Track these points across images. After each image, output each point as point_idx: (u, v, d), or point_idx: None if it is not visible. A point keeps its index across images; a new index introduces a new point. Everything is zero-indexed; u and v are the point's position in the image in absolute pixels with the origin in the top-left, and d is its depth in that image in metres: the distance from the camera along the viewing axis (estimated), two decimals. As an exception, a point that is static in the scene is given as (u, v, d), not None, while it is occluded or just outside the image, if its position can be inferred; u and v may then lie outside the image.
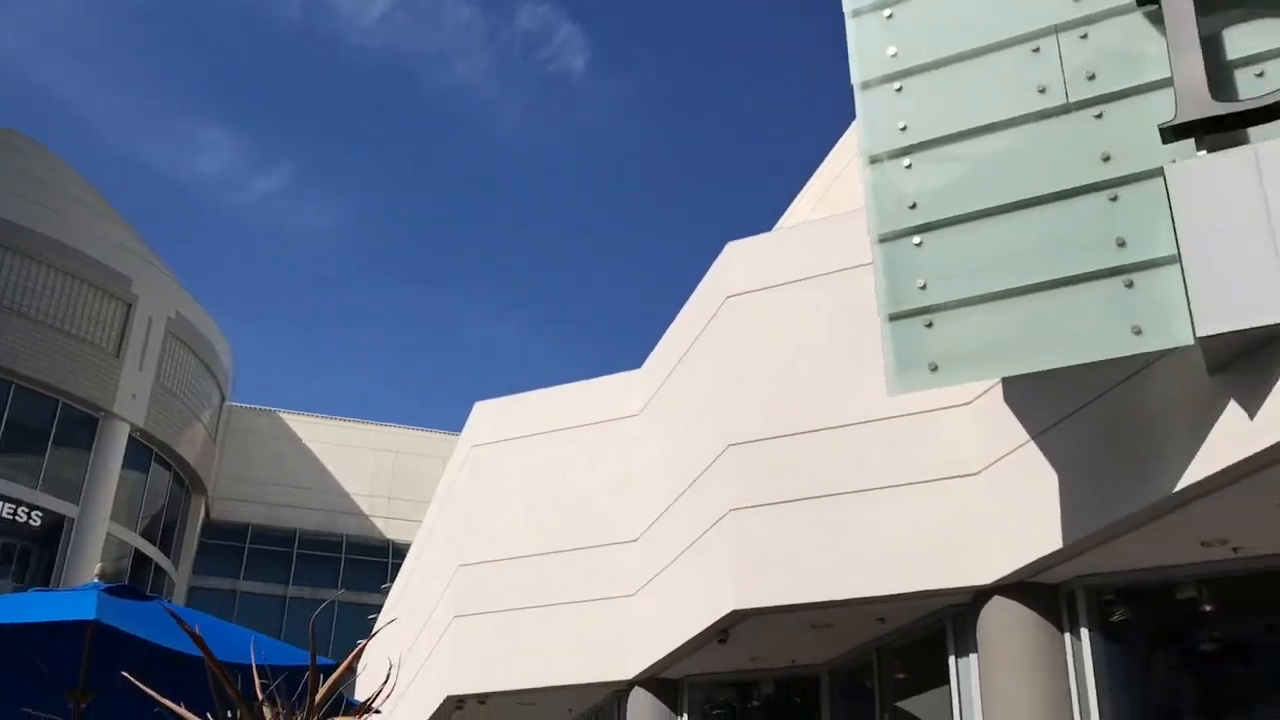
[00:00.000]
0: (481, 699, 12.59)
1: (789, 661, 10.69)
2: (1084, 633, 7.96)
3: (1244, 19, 6.41)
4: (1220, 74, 6.32)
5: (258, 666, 3.66)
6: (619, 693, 11.83)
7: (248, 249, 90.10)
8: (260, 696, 3.61)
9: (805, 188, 15.33)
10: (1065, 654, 7.97)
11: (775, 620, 9.35)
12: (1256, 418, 6.07)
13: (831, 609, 9.04)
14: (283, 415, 41.42)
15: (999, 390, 8.22)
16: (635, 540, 11.66)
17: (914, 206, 7.04)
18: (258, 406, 41.61)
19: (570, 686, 11.97)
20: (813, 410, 9.27)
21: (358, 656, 3.84)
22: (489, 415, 13.80)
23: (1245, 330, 5.93)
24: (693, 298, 11.17)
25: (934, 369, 6.81)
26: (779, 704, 11.30)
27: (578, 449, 12.52)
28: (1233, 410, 6.22)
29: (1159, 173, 6.25)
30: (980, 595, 8.30)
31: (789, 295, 9.84)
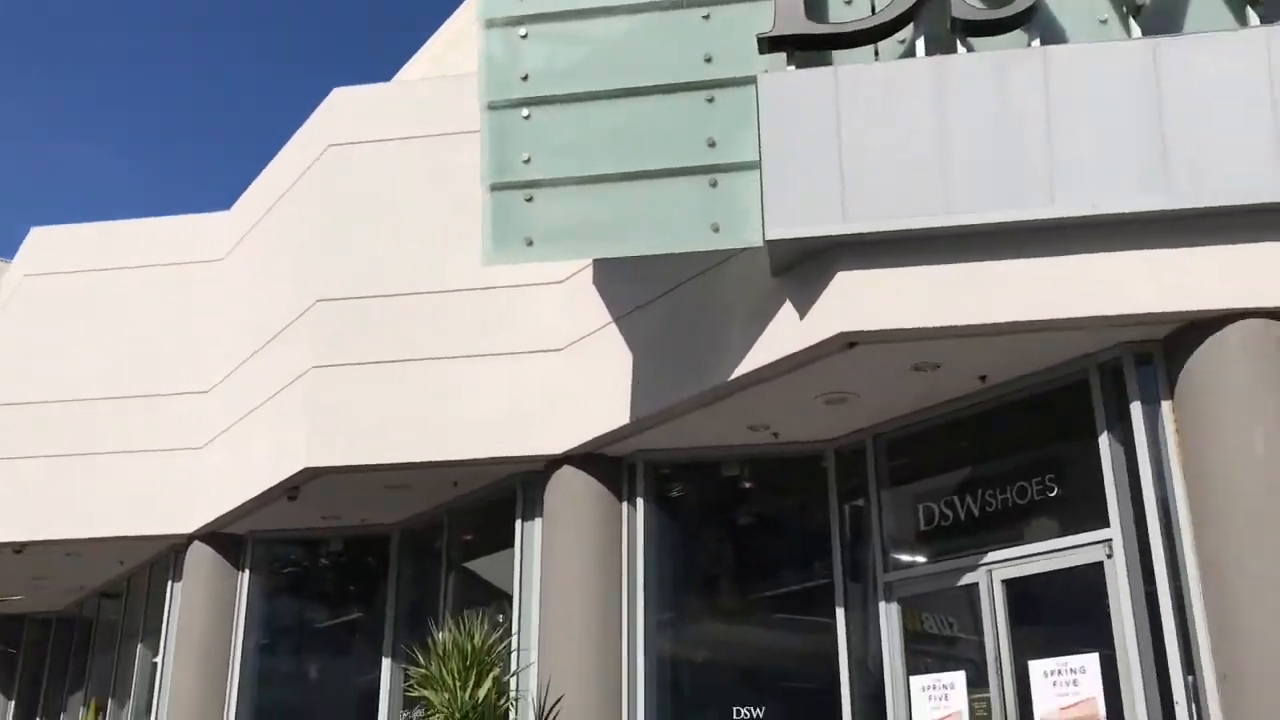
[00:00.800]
0: (18, 548, 11.62)
1: (360, 520, 10.71)
2: (640, 502, 8.58)
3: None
4: (816, -4, 6.78)
5: None
6: (176, 547, 11.35)
7: None
8: None
9: (426, 44, 14.84)
10: (621, 521, 8.55)
11: (350, 479, 9.30)
12: (805, 319, 6.70)
13: (408, 471, 9.12)
14: None
15: (589, 271, 8.51)
16: (207, 391, 11.08)
17: (526, 78, 7.05)
18: None
19: (122, 538, 11.32)
20: (407, 273, 9.15)
21: None
22: (48, 243, 12.45)
23: (805, 238, 6.51)
24: (292, 142, 10.57)
25: (530, 244, 6.93)
26: (348, 561, 11.32)
27: (149, 290, 11.62)
28: (787, 310, 6.83)
29: (753, 81, 6.64)
30: (551, 464, 8.68)
31: (394, 152, 9.56)
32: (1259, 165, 6.05)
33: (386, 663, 10.38)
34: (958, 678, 7.10)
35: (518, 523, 9.13)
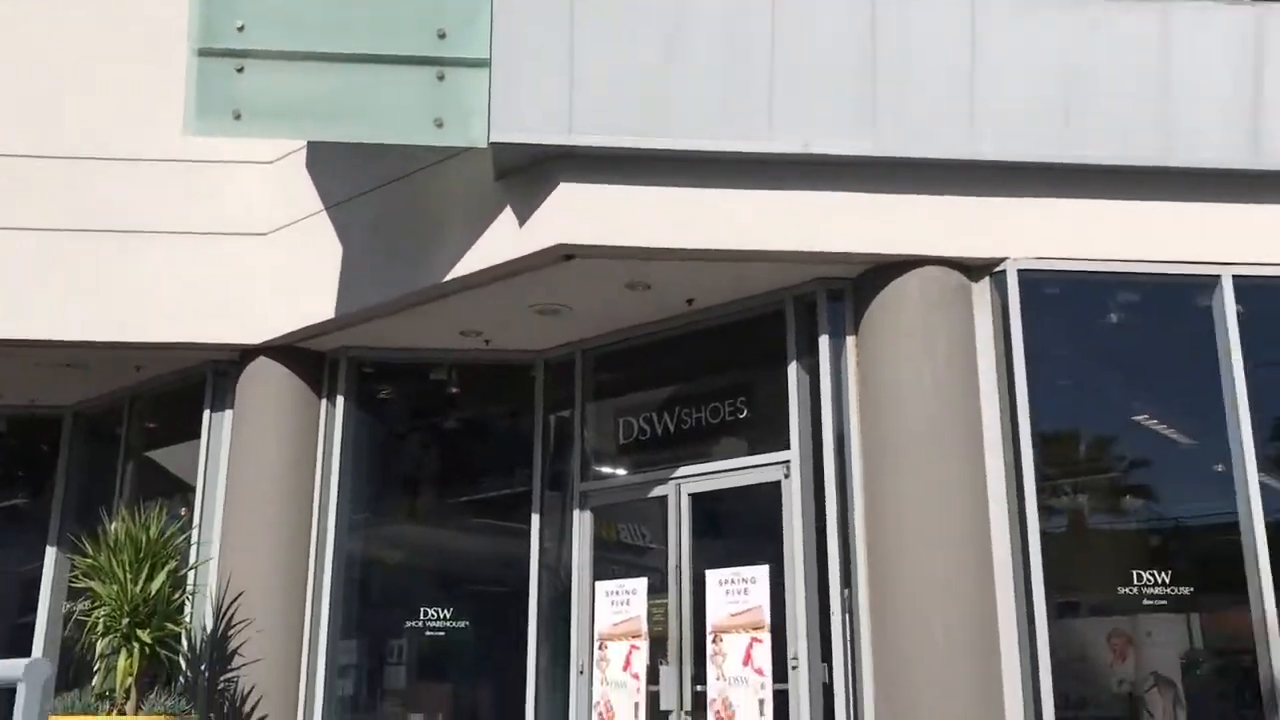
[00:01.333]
0: None
1: (29, 400, 9.85)
2: (340, 400, 8.33)
3: None
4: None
5: None
6: None
7: None
8: None
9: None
10: (319, 418, 8.29)
11: (15, 355, 8.50)
12: (524, 227, 6.66)
13: (84, 350, 8.44)
14: None
15: (302, 154, 8.09)
16: None
17: (246, -61, 6.51)
18: None
19: None
20: (95, 135, 8.34)
21: None
22: None
23: (530, 145, 6.44)
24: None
25: (237, 117, 6.49)
26: (12, 444, 10.41)
27: None
28: (506, 216, 6.75)
29: (489, -25, 6.43)
30: (247, 354, 8.28)
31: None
32: (954, 122, 6.48)
33: (51, 552, 9.67)
34: (640, 584, 7.41)
35: (206, 413, 8.65)
